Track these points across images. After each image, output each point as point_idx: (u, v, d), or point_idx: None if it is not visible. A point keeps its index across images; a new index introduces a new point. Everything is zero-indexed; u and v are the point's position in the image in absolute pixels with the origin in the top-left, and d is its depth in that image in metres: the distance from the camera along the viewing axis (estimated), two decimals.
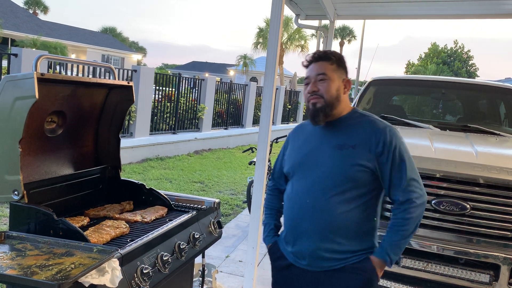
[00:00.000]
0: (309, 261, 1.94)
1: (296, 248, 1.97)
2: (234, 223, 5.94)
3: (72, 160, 2.31)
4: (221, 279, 4.00)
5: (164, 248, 1.93)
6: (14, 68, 7.32)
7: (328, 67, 1.94)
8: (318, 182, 1.90)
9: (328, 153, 1.91)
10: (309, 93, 1.95)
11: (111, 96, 2.41)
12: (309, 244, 1.92)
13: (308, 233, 1.92)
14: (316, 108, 1.92)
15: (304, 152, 2.02)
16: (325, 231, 1.88)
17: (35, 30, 26.60)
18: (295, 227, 1.97)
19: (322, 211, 1.88)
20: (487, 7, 4.63)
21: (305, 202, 1.93)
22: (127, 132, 9.59)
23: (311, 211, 1.90)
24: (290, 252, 2.02)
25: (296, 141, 2.12)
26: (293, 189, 2.01)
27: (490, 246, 2.89)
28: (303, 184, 1.96)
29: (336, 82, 1.94)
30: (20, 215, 1.78)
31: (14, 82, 1.77)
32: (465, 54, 52.78)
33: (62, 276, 1.34)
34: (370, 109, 4.74)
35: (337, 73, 1.95)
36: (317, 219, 1.89)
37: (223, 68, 49.90)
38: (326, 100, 1.91)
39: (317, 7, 5.00)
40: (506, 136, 3.95)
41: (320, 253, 1.90)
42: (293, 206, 2.00)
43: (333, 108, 1.93)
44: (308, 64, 2.00)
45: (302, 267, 1.97)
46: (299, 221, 1.95)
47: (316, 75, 1.94)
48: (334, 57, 1.97)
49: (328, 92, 1.91)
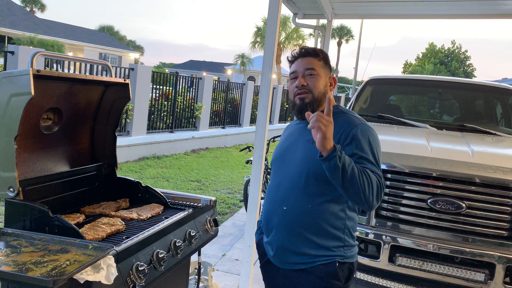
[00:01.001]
0: (276, 253, 1.95)
1: (269, 239, 1.99)
2: (231, 222, 5.94)
3: (68, 157, 2.30)
4: (217, 277, 4.00)
5: (160, 246, 1.92)
6: (10, 65, 7.31)
7: (316, 63, 1.93)
8: (290, 176, 1.90)
9: (301, 148, 1.91)
10: (297, 87, 1.92)
11: (107, 94, 2.40)
12: (278, 237, 1.93)
13: (277, 227, 1.93)
14: (304, 103, 1.90)
15: (284, 146, 2.04)
16: (293, 226, 1.88)
17: (32, 28, 26.48)
18: (268, 220, 1.99)
19: (292, 205, 1.88)
20: (485, 7, 4.64)
21: (276, 196, 1.94)
22: (124, 131, 9.58)
23: (280, 205, 1.91)
24: (266, 242, 2.04)
25: (282, 137, 2.16)
26: (271, 182, 2.05)
27: (486, 245, 2.90)
28: (277, 178, 1.99)
29: (324, 78, 1.94)
30: (16, 212, 1.77)
31: (10, 79, 1.76)
32: (462, 54, 52.90)
33: (57, 273, 1.34)
34: (367, 108, 4.75)
35: (325, 70, 1.95)
36: (286, 213, 1.89)
37: (220, 67, 49.83)
38: (315, 95, 1.90)
39: (314, 6, 5.01)
40: (502, 136, 3.97)
41: (287, 246, 1.90)
42: (268, 199, 2.02)
43: (320, 105, 1.91)
44: (294, 59, 1.98)
45: (273, 262, 1.99)
46: (271, 214, 1.97)
47: (304, 70, 1.92)
48: (321, 54, 1.97)
49: (317, 87, 1.90)
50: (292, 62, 1.99)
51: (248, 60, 39.71)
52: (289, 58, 2.01)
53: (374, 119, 4.27)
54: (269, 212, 1.99)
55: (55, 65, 8.49)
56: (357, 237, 3.13)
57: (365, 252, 3.19)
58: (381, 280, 3.04)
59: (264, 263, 2.09)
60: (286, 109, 19.23)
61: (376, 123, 4.16)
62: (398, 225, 3.08)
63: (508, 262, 2.82)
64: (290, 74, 2.00)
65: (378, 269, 3.07)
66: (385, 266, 3.05)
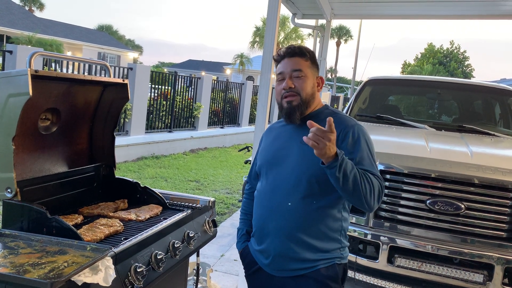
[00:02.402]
0: (273, 261, 1.88)
1: (263, 247, 1.92)
2: (230, 222, 5.93)
3: (66, 158, 2.29)
4: (215, 278, 3.99)
5: (158, 247, 1.91)
6: (9, 65, 7.29)
7: (303, 63, 1.88)
8: (286, 180, 1.85)
9: (296, 150, 1.86)
10: (284, 89, 1.87)
11: (106, 94, 2.39)
12: (276, 244, 1.86)
13: (275, 232, 1.86)
14: (292, 106, 1.86)
15: (273, 149, 1.97)
16: (292, 230, 1.83)
17: (30, 27, 26.44)
18: (263, 226, 1.92)
19: (289, 210, 1.82)
20: (484, 8, 4.65)
21: (272, 200, 1.88)
22: (122, 130, 9.56)
23: (278, 210, 1.85)
24: (257, 251, 1.97)
25: (267, 139, 2.08)
26: (262, 187, 1.97)
27: (484, 246, 2.90)
28: (271, 181, 1.91)
29: (311, 79, 1.89)
30: (13, 213, 1.76)
31: (8, 79, 1.75)
32: (461, 54, 52.96)
33: (55, 275, 1.33)
34: (365, 109, 4.75)
35: (312, 70, 1.91)
36: (284, 218, 1.84)
37: (219, 67, 49.79)
38: (302, 97, 1.86)
39: (314, 7, 5.01)
40: (501, 137, 3.97)
41: (286, 253, 1.85)
42: (261, 204, 1.95)
43: (308, 106, 1.88)
44: (280, 58, 1.92)
45: (267, 270, 1.92)
46: (266, 219, 1.90)
47: (291, 71, 1.87)
48: (308, 54, 1.91)
49: (305, 89, 1.86)
50: (278, 61, 1.93)
51: (247, 60, 39.69)
52: (275, 57, 1.95)
53: (373, 119, 4.27)
54: (263, 218, 1.92)
55: (54, 64, 8.48)
56: (356, 238, 3.14)
57: (364, 253, 3.19)
58: (380, 281, 3.04)
59: (253, 272, 2.01)
60: None
61: (375, 124, 4.16)
62: (396, 226, 3.08)
63: (506, 263, 2.81)
64: (277, 75, 1.93)
65: (377, 270, 3.07)
66: (384, 267, 3.05)
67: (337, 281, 1.86)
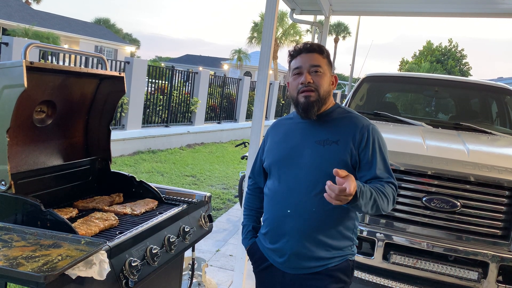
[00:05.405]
0: (288, 259, 1.88)
1: (277, 246, 1.91)
2: (225, 217, 5.93)
3: (61, 151, 2.27)
4: (211, 273, 4.00)
5: (154, 241, 1.91)
6: (4, 57, 7.24)
7: (322, 60, 1.87)
8: (302, 179, 1.84)
9: (311, 149, 1.84)
10: (302, 83, 1.84)
11: (102, 87, 2.37)
12: (292, 244, 1.85)
13: (292, 233, 1.85)
14: (310, 102, 1.83)
15: (286, 147, 1.93)
16: (311, 231, 1.82)
17: (27, 20, 26.25)
18: (278, 226, 1.90)
19: (308, 211, 1.81)
20: (482, 6, 4.64)
21: (289, 201, 1.86)
22: (119, 124, 9.53)
23: (295, 211, 1.84)
24: (269, 249, 1.96)
25: (276, 135, 2.03)
26: (275, 186, 1.94)
27: (479, 244, 2.91)
28: (286, 181, 1.89)
29: (328, 76, 1.89)
30: (7, 205, 1.75)
31: (2, 70, 1.73)
32: (458, 53, 52.99)
33: (48, 268, 1.31)
34: (363, 105, 4.75)
35: (329, 68, 1.90)
36: (303, 219, 1.82)
37: (217, 62, 49.69)
38: (320, 94, 1.84)
39: (312, 2, 4.99)
40: (497, 135, 3.98)
41: (303, 252, 1.84)
42: (276, 205, 1.92)
43: (325, 103, 1.88)
44: (297, 53, 1.90)
45: (280, 268, 1.92)
46: (283, 220, 1.87)
47: (310, 67, 1.85)
48: (325, 51, 1.91)
49: (323, 86, 1.85)
50: (294, 57, 1.91)
51: (244, 55, 39.63)
52: (292, 52, 1.92)
53: (370, 116, 4.27)
54: (279, 217, 1.90)
55: (50, 57, 8.42)
56: None
57: (360, 249, 3.19)
58: (375, 277, 3.05)
59: (263, 268, 2.01)
60: (282, 104, 19.22)
61: (372, 121, 4.15)
62: (392, 223, 3.08)
63: (501, 261, 2.83)
64: (293, 69, 1.90)
65: (372, 267, 3.08)
66: (379, 263, 3.05)
67: (348, 275, 1.91)
